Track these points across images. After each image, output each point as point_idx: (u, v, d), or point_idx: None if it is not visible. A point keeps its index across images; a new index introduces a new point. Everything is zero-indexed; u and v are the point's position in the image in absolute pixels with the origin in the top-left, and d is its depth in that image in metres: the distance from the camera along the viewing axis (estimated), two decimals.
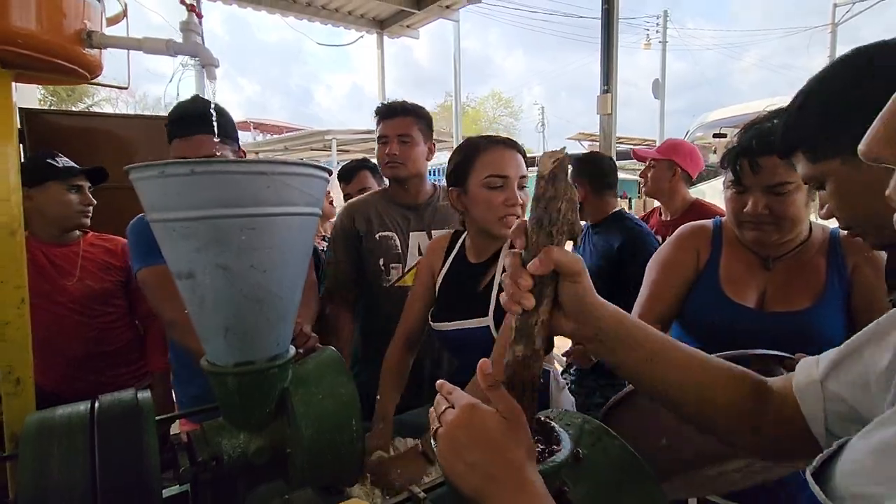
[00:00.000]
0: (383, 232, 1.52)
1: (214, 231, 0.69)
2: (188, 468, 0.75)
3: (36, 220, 1.45)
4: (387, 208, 1.55)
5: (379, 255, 1.51)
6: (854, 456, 0.35)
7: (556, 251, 0.47)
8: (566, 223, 0.48)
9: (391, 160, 1.49)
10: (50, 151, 1.48)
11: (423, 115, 1.55)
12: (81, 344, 1.50)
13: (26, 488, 0.62)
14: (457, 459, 0.44)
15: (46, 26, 0.77)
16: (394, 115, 1.51)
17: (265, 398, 0.80)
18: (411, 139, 1.50)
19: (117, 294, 1.60)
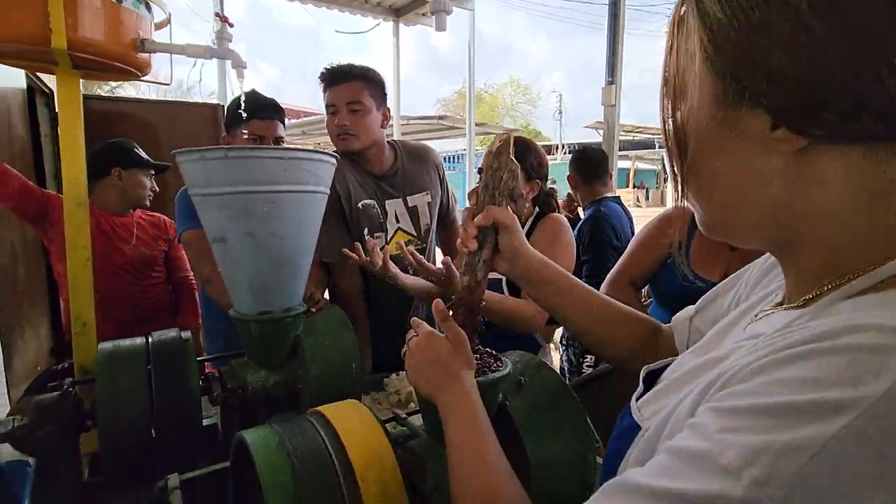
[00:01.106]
0: (365, 200, 1.45)
1: (242, 204, 0.86)
2: (220, 393, 0.94)
3: (114, 195, 1.77)
4: (360, 176, 1.45)
5: (364, 223, 1.45)
6: (673, 364, 0.50)
7: (495, 209, 0.63)
8: (506, 188, 0.64)
9: (342, 132, 1.37)
10: (131, 141, 1.81)
11: (373, 79, 1.40)
12: (131, 300, 1.77)
13: (103, 399, 0.82)
14: (418, 374, 0.61)
15: (109, 36, 0.95)
16: (341, 81, 1.36)
17: (281, 342, 0.99)
18: (362, 107, 1.36)
19: (160, 262, 1.88)
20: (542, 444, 0.71)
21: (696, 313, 0.63)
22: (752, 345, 0.36)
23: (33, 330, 2.18)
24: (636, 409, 0.45)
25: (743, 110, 0.34)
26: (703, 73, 0.36)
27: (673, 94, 0.39)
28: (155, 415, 0.85)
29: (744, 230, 0.39)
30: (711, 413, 0.31)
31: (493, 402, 0.69)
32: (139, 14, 1.01)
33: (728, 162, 0.37)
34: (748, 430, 0.28)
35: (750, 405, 0.29)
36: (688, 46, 0.37)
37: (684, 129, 0.39)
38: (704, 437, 0.30)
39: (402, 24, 5.23)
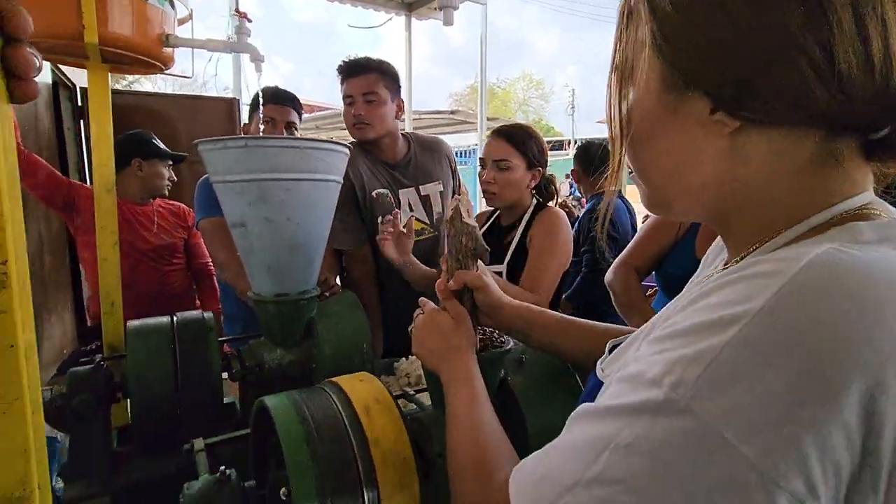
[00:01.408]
0: (379, 189, 1.49)
1: (261, 191, 0.91)
2: (239, 370, 1.00)
3: (135, 185, 1.84)
4: (374, 165, 1.50)
5: (377, 212, 1.47)
6: None
7: (463, 274, 0.67)
8: (469, 250, 0.67)
9: (358, 121, 1.43)
10: (150, 133, 1.89)
11: (388, 71, 1.47)
12: (153, 286, 1.85)
13: (133, 372, 0.88)
14: (422, 347, 0.65)
15: (137, 31, 1.01)
16: (357, 73, 1.43)
17: (297, 323, 1.04)
18: (377, 97, 1.42)
19: (180, 248, 1.96)
20: (540, 417, 0.75)
21: None
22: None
23: (58, 315, 2.27)
24: (600, 370, 0.50)
25: (686, 95, 0.37)
26: (652, 59, 0.39)
27: (621, 80, 0.43)
28: (179, 388, 0.92)
29: (683, 205, 0.43)
30: (646, 344, 0.36)
31: (496, 377, 0.74)
32: (164, 10, 1.06)
33: (670, 143, 0.40)
34: (669, 349, 0.33)
35: (671, 331, 0.34)
36: (638, 35, 0.40)
37: (629, 113, 0.42)
38: (640, 362, 0.35)
39: (414, 19, 5.24)
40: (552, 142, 28.73)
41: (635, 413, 0.32)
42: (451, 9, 3.10)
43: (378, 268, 1.56)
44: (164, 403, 0.88)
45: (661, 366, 0.32)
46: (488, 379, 0.68)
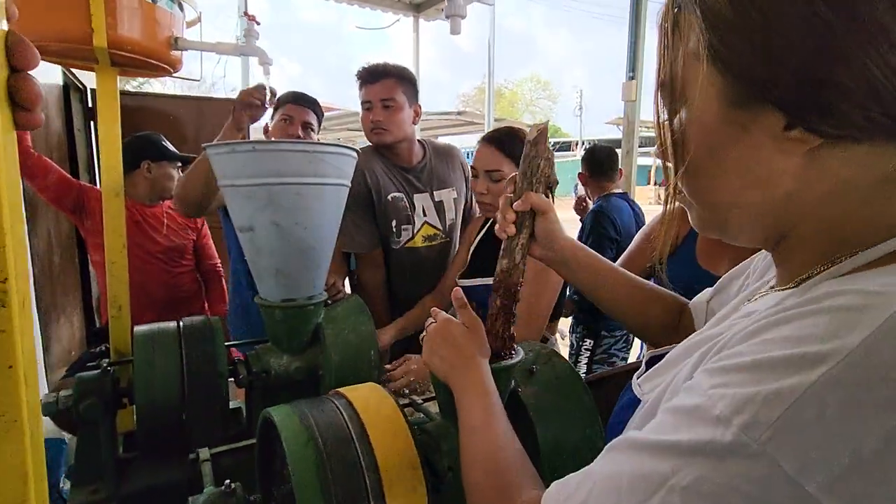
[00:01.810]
0: (394, 193, 1.50)
1: (269, 195, 0.90)
2: (245, 376, 0.99)
3: (145, 187, 1.85)
4: (390, 169, 1.52)
5: (391, 216, 1.50)
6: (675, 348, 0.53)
7: (533, 196, 0.66)
8: (543, 176, 0.66)
9: (376, 126, 1.45)
10: (158, 134, 1.89)
11: (406, 77, 1.48)
12: (164, 287, 1.85)
13: (140, 377, 0.87)
14: (433, 355, 0.64)
15: (146, 34, 1.00)
16: (376, 79, 1.44)
17: (304, 328, 1.03)
18: (395, 103, 1.44)
19: (189, 250, 1.97)
20: (552, 429, 0.73)
21: (713, 296, 0.65)
22: (746, 321, 0.38)
23: (67, 317, 2.29)
24: (636, 385, 0.47)
25: (754, 110, 0.34)
26: (710, 73, 0.35)
27: (671, 97, 0.39)
28: (186, 394, 0.91)
29: (739, 229, 0.40)
30: (704, 374, 0.33)
31: (506, 387, 0.72)
32: (172, 13, 1.06)
33: (735, 164, 0.36)
34: (737, 383, 0.30)
35: (738, 363, 0.31)
36: (688, 47, 0.37)
37: (684, 132, 0.38)
38: (698, 394, 0.32)
39: (422, 20, 5.24)
40: (560, 143, 28.65)
41: (695, 453, 0.30)
42: (458, 17, 3.08)
43: (389, 272, 1.56)
44: (169, 409, 0.87)
45: (729, 402, 0.29)
46: (499, 390, 0.66)
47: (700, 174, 0.39)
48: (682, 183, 0.41)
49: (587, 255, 0.73)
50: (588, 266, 0.73)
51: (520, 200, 0.66)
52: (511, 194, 0.68)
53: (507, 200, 0.68)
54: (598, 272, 0.73)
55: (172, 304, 1.88)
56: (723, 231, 0.42)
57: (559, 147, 27.29)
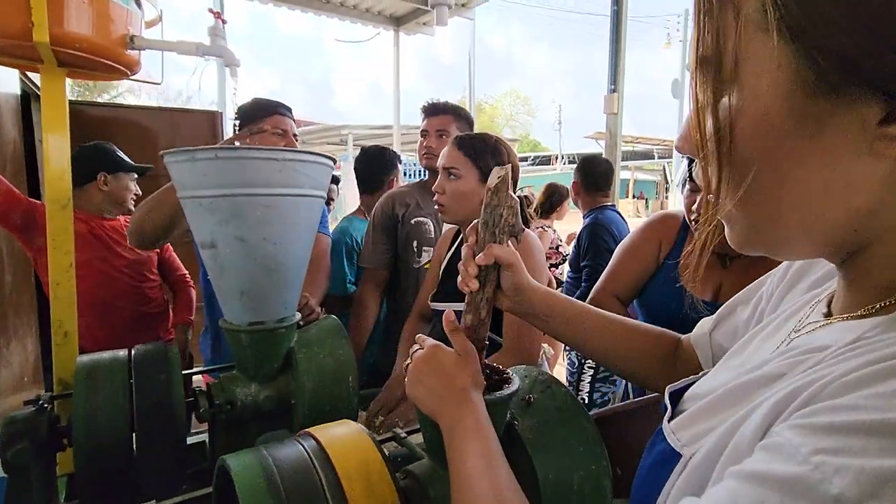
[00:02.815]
0: (419, 217, 1.64)
1: (234, 207, 0.81)
2: (207, 409, 0.88)
3: (101, 199, 1.74)
4: (424, 196, 1.67)
5: (413, 237, 1.63)
6: (700, 382, 0.45)
7: (496, 248, 0.60)
8: (507, 225, 0.61)
9: (427, 152, 1.64)
10: (112, 144, 1.78)
11: (462, 115, 1.70)
12: (133, 302, 1.75)
13: (79, 414, 0.76)
14: (418, 385, 0.55)
15: (97, 32, 0.91)
16: (436, 113, 1.67)
17: (274, 354, 0.93)
18: (448, 134, 1.63)
19: (154, 264, 1.87)
20: (553, 467, 0.65)
21: (716, 326, 0.58)
22: (818, 358, 0.31)
23: (19, 341, 2.12)
24: (670, 433, 0.39)
25: (839, 99, 0.26)
26: (782, 49, 0.27)
27: (715, 77, 0.30)
28: (136, 432, 0.80)
29: (808, 246, 0.33)
30: (798, 431, 0.25)
31: (501, 422, 0.64)
32: (129, 9, 0.96)
33: (806, 168, 0.28)
34: (861, 451, 0.22)
35: (856, 420, 0.23)
36: (747, 11, 0.28)
37: (732, 124, 0.30)
38: (795, 459, 0.24)
39: (402, 34, 5.23)
40: (539, 157, 28.98)
41: None
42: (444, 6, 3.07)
43: (407, 291, 1.63)
44: (115, 451, 0.77)
45: (854, 477, 0.22)
46: (495, 425, 0.58)
47: (755, 181, 0.30)
48: (730, 189, 0.32)
49: (562, 303, 0.66)
50: (564, 314, 0.66)
51: (482, 254, 0.60)
52: (473, 246, 0.62)
53: (470, 252, 0.62)
54: (577, 320, 0.66)
55: (143, 321, 1.77)
56: (776, 249, 0.34)
57: (539, 161, 27.61)
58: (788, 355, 0.34)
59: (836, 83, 0.26)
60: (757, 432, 0.29)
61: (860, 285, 0.33)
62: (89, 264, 1.60)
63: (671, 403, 0.44)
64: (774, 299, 0.49)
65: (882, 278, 0.31)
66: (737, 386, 0.36)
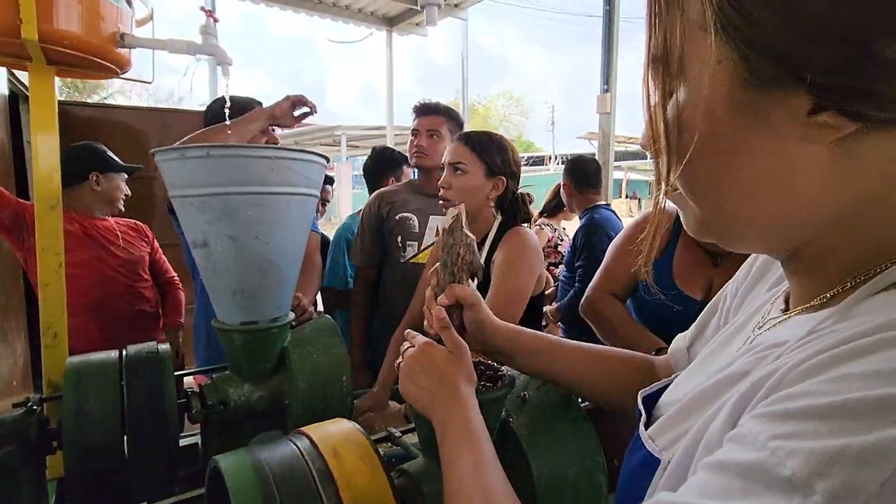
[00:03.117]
0: (403, 213, 1.67)
1: (225, 206, 0.81)
2: (199, 409, 0.87)
3: (93, 199, 1.72)
4: (410, 195, 1.72)
5: (397, 233, 1.65)
6: (672, 387, 0.46)
7: (457, 288, 0.60)
8: (465, 263, 0.61)
9: (418, 150, 1.67)
10: (101, 145, 1.75)
11: (453, 116, 1.73)
12: (129, 301, 1.73)
13: (69, 416, 0.75)
14: (411, 384, 0.55)
15: (87, 29, 0.90)
16: (427, 113, 1.69)
17: (267, 354, 0.92)
18: (439, 135, 1.66)
19: (146, 263, 1.85)
20: (547, 463, 0.65)
21: (693, 341, 0.58)
22: (777, 353, 0.31)
23: (8, 344, 2.09)
24: (647, 439, 0.39)
25: (776, 91, 0.28)
26: (720, 47, 0.29)
27: (665, 75, 0.32)
28: (128, 434, 0.79)
29: (746, 235, 0.34)
30: (759, 420, 0.26)
31: (496, 420, 0.64)
32: (119, 7, 0.95)
33: (746, 157, 0.30)
34: (812, 434, 0.23)
35: (808, 405, 0.24)
36: (689, 13, 0.30)
37: (682, 117, 0.31)
38: (754, 446, 0.25)
39: (395, 34, 5.23)
40: (533, 157, 29.06)
41: None
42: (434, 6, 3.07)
43: (392, 286, 1.65)
44: (106, 453, 0.76)
45: (805, 459, 0.23)
46: (489, 423, 0.58)
47: (702, 169, 0.32)
48: (678, 179, 0.34)
49: (528, 338, 0.65)
50: (530, 349, 0.65)
51: (443, 295, 0.60)
52: (435, 287, 0.63)
53: (432, 294, 0.62)
54: (543, 353, 0.65)
55: (138, 320, 1.76)
56: (725, 237, 0.35)
57: (533, 161, 27.68)
58: (752, 353, 0.35)
59: (768, 77, 0.28)
60: (725, 426, 0.30)
61: (809, 278, 0.34)
62: (85, 264, 1.59)
63: (645, 409, 0.45)
64: (738, 299, 0.50)
65: (828, 268, 0.32)
66: (706, 388, 0.37)
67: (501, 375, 0.65)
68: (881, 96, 0.26)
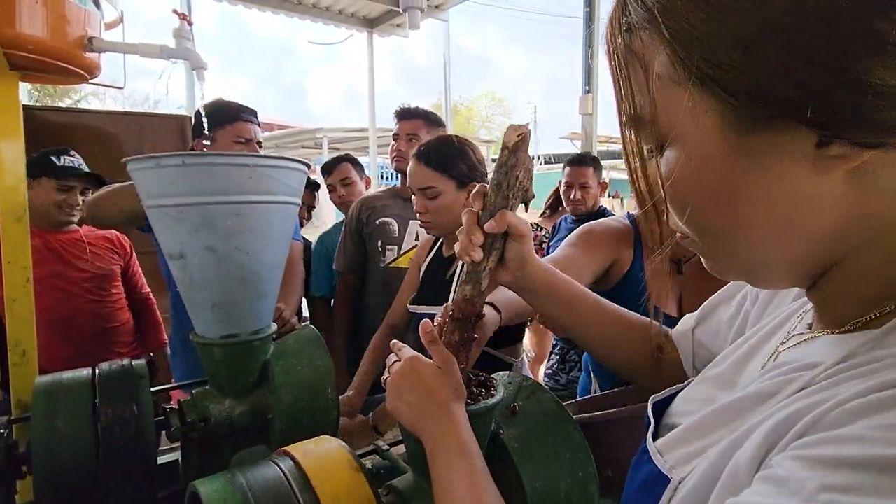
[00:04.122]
0: (383, 217, 1.69)
1: (203, 216, 0.78)
2: (178, 427, 0.84)
3: (52, 210, 1.55)
4: (391, 200, 1.74)
5: (377, 238, 1.67)
6: (685, 395, 0.45)
7: (510, 215, 0.55)
8: (521, 189, 0.55)
9: (398, 155, 1.70)
10: (63, 148, 1.58)
11: (433, 120, 1.75)
12: (95, 319, 1.64)
13: (39, 438, 0.71)
14: (398, 400, 0.54)
15: (52, 33, 0.86)
16: (406, 118, 1.73)
17: (248, 367, 0.90)
18: (418, 138, 1.68)
19: (117, 277, 1.76)
20: (540, 475, 0.64)
21: (698, 324, 0.58)
22: (809, 377, 0.30)
23: None
24: (656, 453, 0.38)
25: (772, 132, 0.27)
26: (702, 98, 0.28)
27: (649, 134, 0.31)
28: (101, 456, 0.75)
29: (776, 275, 0.33)
30: (801, 464, 0.24)
31: (486, 432, 0.62)
32: (86, 10, 0.92)
33: (752, 201, 0.29)
34: (871, 490, 0.21)
35: (864, 455, 0.22)
36: (658, 70, 0.29)
37: (677, 174, 0.30)
38: (800, 496, 0.23)
39: (376, 35, 5.19)
40: None
41: None
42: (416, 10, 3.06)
43: (373, 290, 1.67)
44: (78, 476, 0.72)
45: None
46: (479, 435, 0.57)
47: (712, 221, 0.31)
48: (691, 231, 0.33)
49: (562, 282, 0.64)
50: (564, 294, 0.63)
51: (493, 221, 0.54)
52: (479, 210, 0.56)
53: (474, 219, 0.56)
54: (575, 301, 0.64)
55: (105, 337, 1.68)
56: (756, 278, 0.34)
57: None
58: (778, 372, 0.34)
59: (761, 119, 0.27)
60: (754, 460, 0.28)
61: (839, 302, 0.33)
62: (45, 280, 1.46)
63: (654, 416, 0.44)
64: (759, 305, 0.49)
65: (861, 292, 0.31)
66: (726, 405, 0.35)
67: (492, 386, 0.64)
68: (884, 124, 0.25)
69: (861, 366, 0.27)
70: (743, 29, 0.25)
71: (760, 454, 0.28)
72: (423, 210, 1.18)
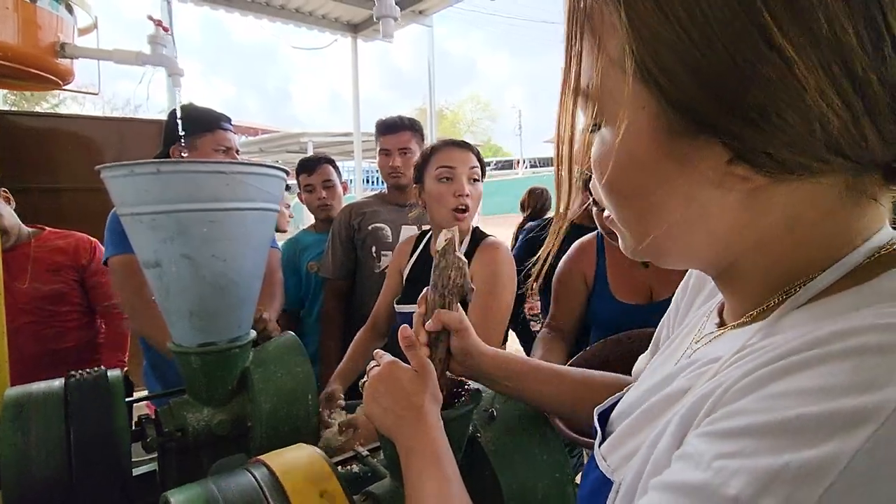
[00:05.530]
0: (376, 223, 1.67)
1: (178, 224, 0.77)
2: (155, 438, 0.83)
3: None
4: (382, 206, 1.73)
5: (371, 243, 1.65)
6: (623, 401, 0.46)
7: (444, 314, 0.60)
8: (455, 287, 0.61)
9: (394, 171, 1.68)
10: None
11: (418, 129, 1.76)
12: (36, 342, 1.53)
13: (7, 453, 0.70)
14: (375, 404, 0.54)
15: (23, 39, 0.85)
16: (396, 131, 1.70)
17: (227, 376, 0.89)
18: (411, 152, 1.68)
19: (71, 293, 1.63)
20: (517, 476, 0.65)
21: (652, 356, 0.59)
22: (715, 369, 0.32)
23: None
24: (601, 458, 0.40)
25: (694, 142, 0.29)
26: (641, 93, 0.29)
27: (588, 109, 0.32)
28: (74, 468, 0.74)
29: (680, 257, 0.36)
30: (703, 439, 0.27)
31: (463, 435, 0.63)
32: (59, 16, 0.91)
33: (669, 197, 0.31)
34: (753, 452, 0.24)
35: (748, 424, 0.25)
36: (609, 51, 0.30)
37: (606, 152, 0.32)
38: (700, 466, 0.26)
39: (360, 40, 5.19)
40: (502, 161, 29.36)
41: None
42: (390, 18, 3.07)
43: (368, 296, 1.61)
44: (50, 491, 0.71)
45: (748, 478, 0.23)
46: (456, 439, 0.57)
47: (624, 206, 0.34)
48: (608, 206, 0.36)
49: (512, 363, 0.65)
50: (514, 372, 0.65)
51: (430, 320, 0.60)
52: (423, 312, 0.62)
53: (419, 320, 0.62)
54: (528, 377, 0.65)
55: (54, 357, 1.56)
56: (657, 259, 0.37)
57: (501, 166, 27.98)
58: (691, 369, 0.36)
59: (685, 129, 0.29)
60: (672, 445, 0.31)
61: (737, 296, 0.36)
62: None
63: (600, 425, 0.45)
64: (681, 313, 0.51)
65: (755, 286, 0.34)
66: (651, 404, 0.38)
67: (466, 389, 0.64)
68: (783, 161, 0.27)
69: (755, 351, 0.30)
70: (681, 44, 0.26)
71: (677, 440, 0.31)
72: (466, 193, 1.20)
